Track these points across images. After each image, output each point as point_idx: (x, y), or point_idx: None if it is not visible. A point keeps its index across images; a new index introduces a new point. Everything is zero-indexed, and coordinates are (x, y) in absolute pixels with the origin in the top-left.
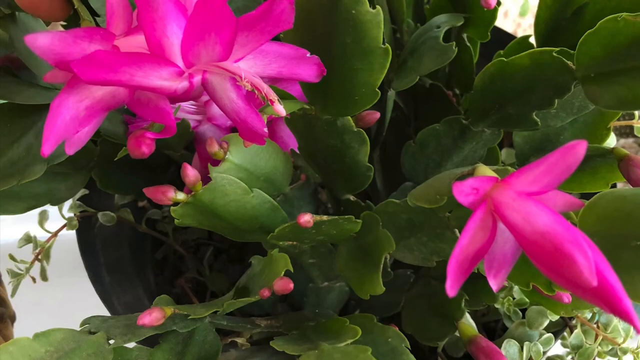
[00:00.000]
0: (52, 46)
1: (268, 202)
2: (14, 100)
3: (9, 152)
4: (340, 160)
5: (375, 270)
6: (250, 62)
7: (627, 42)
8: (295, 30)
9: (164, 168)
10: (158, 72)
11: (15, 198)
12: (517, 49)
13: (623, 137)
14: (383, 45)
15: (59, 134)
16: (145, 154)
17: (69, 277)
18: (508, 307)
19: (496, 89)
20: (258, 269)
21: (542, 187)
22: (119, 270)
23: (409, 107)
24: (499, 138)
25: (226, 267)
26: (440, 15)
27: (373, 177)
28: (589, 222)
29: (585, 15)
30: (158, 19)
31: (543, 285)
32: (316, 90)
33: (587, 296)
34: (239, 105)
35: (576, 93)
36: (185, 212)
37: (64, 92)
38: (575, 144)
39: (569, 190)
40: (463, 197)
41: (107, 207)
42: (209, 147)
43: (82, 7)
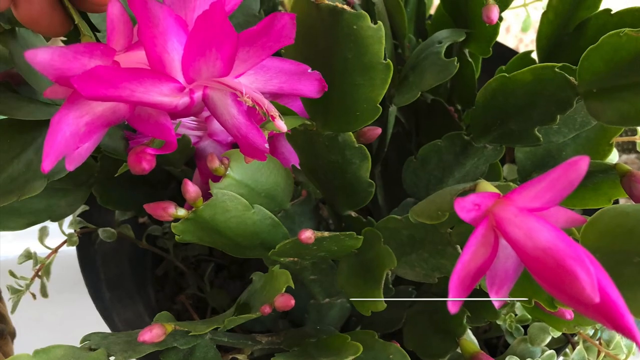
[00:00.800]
0: (52, 62)
1: (269, 218)
2: (14, 116)
3: (9, 168)
4: (341, 176)
5: (376, 287)
6: (251, 77)
7: (630, 58)
8: (296, 45)
9: (164, 184)
10: (159, 88)
11: (15, 214)
12: (519, 64)
13: (625, 153)
14: (384, 61)
15: (59, 150)
16: (145, 170)
17: (69, 294)
18: (510, 324)
19: (498, 105)
20: (259, 285)
21: (544, 203)
22: (119, 286)
23: (410, 123)
24: (501, 154)
25: (227, 283)
26: (441, 30)
27: (374, 193)
28: (591, 238)
29: (587, 30)
30: (159, 35)
31: (545, 301)
32: (317, 105)
33: (590, 312)
34: (239, 121)
35: (578, 109)
36: (186, 228)
37: (64, 108)
38: (578, 160)
39: (571, 206)
40: (465, 213)
41: (108, 223)
42: (210, 163)
43: (83, 22)
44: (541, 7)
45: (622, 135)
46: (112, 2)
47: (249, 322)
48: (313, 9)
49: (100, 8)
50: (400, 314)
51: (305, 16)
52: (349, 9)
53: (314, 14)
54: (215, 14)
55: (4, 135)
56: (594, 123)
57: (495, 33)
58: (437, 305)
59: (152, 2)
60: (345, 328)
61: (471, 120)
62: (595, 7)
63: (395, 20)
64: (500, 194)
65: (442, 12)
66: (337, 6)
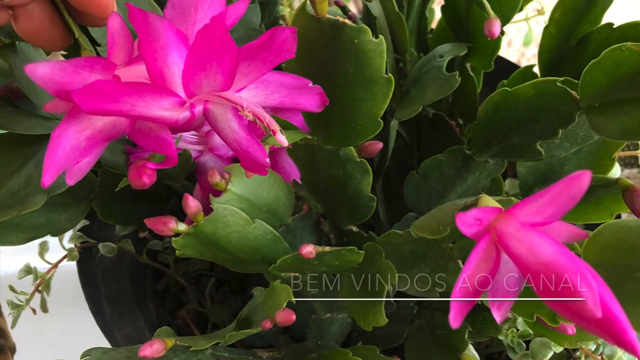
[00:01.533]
0: (53, 76)
1: (270, 233)
2: (14, 131)
3: (9, 182)
4: (342, 190)
5: (377, 302)
6: (252, 91)
7: (632, 72)
8: (297, 59)
9: (165, 199)
10: (159, 102)
11: (15, 229)
12: (520, 78)
13: (628, 168)
14: (386, 75)
15: (59, 165)
16: (146, 185)
17: (69, 309)
18: (512, 339)
19: (500, 119)
20: (260, 300)
21: (546, 217)
22: (119, 301)
23: (411, 137)
24: (503, 168)
25: (228, 298)
26: (443, 44)
27: (376, 208)
28: (593, 253)
29: (589, 44)
30: (159, 49)
31: (547, 316)
32: (318, 120)
33: (592, 328)
34: (240, 136)
35: (580, 123)
36: (187, 243)
37: (65, 122)
38: (580, 175)
39: (573, 220)
40: (466, 227)
41: (108, 238)
42: (211, 178)
43: (83, 36)
44: (543, 21)
45: (624, 149)
46: (112, 16)
47: (250, 337)
48: (314, 23)
49: (100, 22)
50: (401, 329)
51: (306, 30)
52: (350, 23)
53: (315, 28)
54: (216, 28)
55: (4, 150)
56: (596, 137)
57: (497, 47)
58: (439, 320)
59: (153, 16)
60: (346, 343)
61: (473, 134)
62: (598, 21)
63: (396, 34)
64: (502, 209)
65: (443, 26)
66: (339, 20)
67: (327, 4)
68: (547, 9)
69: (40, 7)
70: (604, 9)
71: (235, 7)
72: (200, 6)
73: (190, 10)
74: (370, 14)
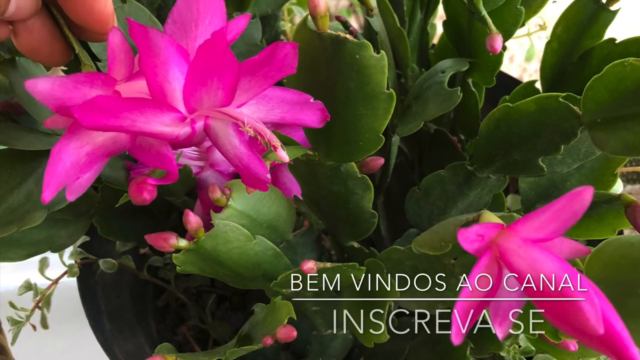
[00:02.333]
0: (53, 91)
1: (271, 249)
2: (14, 146)
3: (9, 198)
4: (343, 206)
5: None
6: (253, 107)
7: (634, 87)
8: (299, 75)
9: (165, 214)
10: (160, 118)
11: (15, 245)
12: (522, 94)
13: (630, 184)
14: (387, 91)
15: (59, 181)
16: (147, 201)
17: (69, 325)
18: (514, 355)
19: (502, 135)
20: (261, 317)
21: (548, 233)
22: (120, 317)
23: (413, 153)
24: (505, 184)
25: (229, 314)
26: (445, 60)
27: (377, 224)
28: (596, 269)
29: (591, 60)
30: (160, 64)
31: (549, 333)
32: (319, 135)
33: (594, 344)
34: (241, 151)
35: (582, 139)
36: (187, 259)
37: (65, 138)
38: (582, 190)
39: (575, 236)
40: (468, 243)
41: (108, 254)
42: (212, 194)
43: (83, 51)
44: (545, 36)
45: (626, 165)
46: (113, 32)
47: (251, 353)
48: (315, 38)
49: (101, 37)
50: (403, 345)
51: (308, 45)
52: (352, 38)
53: (316, 44)
54: (216, 43)
55: (4, 166)
56: (598, 153)
57: (499, 62)
58: (441, 337)
59: (153, 31)
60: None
61: (474, 150)
62: (600, 37)
63: (398, 49)
64: (504, 225)
65: (445, 42)
66: (340, 35)
67: (329, 19)
68: (549, 24)
69: (41, 22)
70: (606, 24)
71: (236, 22)
72: (201, 21)
73: (191, 26)
74: (371, 29)
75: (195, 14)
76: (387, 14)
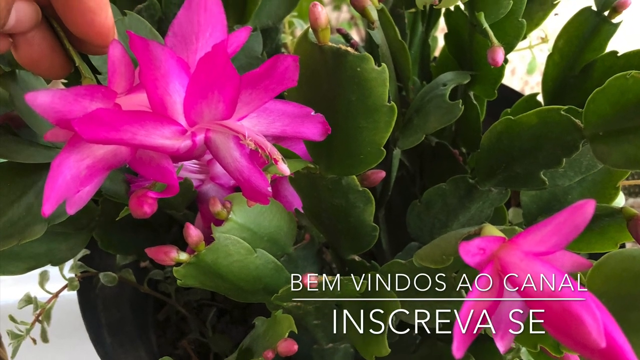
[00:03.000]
0: (53, 104)
1: (272, 263)
2: (14, 159)
3: (9, 211)
4: (345, 219)
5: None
6: (254, 120)
7: (636, 100)
8: (300, 88)
9: (166, 228)
10: (160, 131)
11: (15, 258)
12: (524, 107)
13: (632, 197)
14: (388, 103)
15: (59, 194)
16: (147, 214)
17: (70, 339)
18: None
19: (503, 148)
20: (262, 330)
21: (549, 247)
22: (120, 331)
23: (414, 166)
24: (506, 197)
25: (229, 328)
26: (446, 72)
27: (378, 237)
28: (598, 283)
29: (593, 72)
30: (160, 77)
31: (551, 346)
32: (320, 148)
33: (596, 358)
34: (242, 164)
35: (584, 152)
36: (188, 273)
37: (65, 151)
38: (584, 204)
39: (577, 250)
40: (470, 257)
41: (109, 267)
42: (212, 207)
43: (84, 64)
44: (547, 49)
45: (628, 178)
46: (113, 44)
47: None
48: (316, 51)
49: (101, 50)
50: (404, 359)
51: (309, 58)
52: (353, 51)
53: (317, 56)
54: (217, 56)
55: (4, 179)
56: (600, 166)
57: (501, 75)
58: (442, 351)
59: (154, 44)
60: None
61: (476, 163)
62: (602, 49)
63: (399, 62)
64: (506, 238)
65: (446, 54)
66: (341, 48)
67: (330, 32)
68: (551, 37)
69: (41, 35)
70: (608, 37)
71: (237, 35)
72: (202, 34)
73: (191, 38)
74: (372, 42)
75: (196, 27)
76: (389, 26)
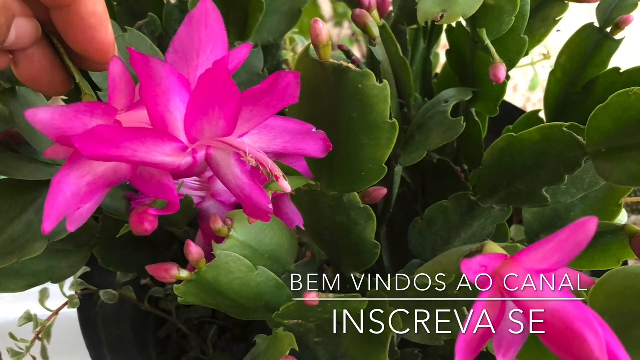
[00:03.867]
0: (53, 121)
1: (273, 280)
2: (14, 176)
3: (9, 229)
4: (346, 237)
5: (382, 349)
6: (255, 137)
7: (639, 117)
8: (301, 104)
9: (167, 245)
10: (161, 148)
11: (15, 276)
12: (526, 123)
13: (635, 214)
14: (390, 120)
15: (60, 211)
16: (148, 231)
17: (70, 356)
18: None
19: (505, 165)
20: (263, 348)
21: (552, 264)
22: (121, 349)
23: (416, 183)
24: (508, 215)
25: (230, 346)
26: (448, 89)
27: (380, 254)
28: (600, 300)
29: (596, 89)
30: (161, 94)
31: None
32: (322, 165)
33: None
34: (243, 182)
35: (587, 169)
36: (189, 290)
37: (65, 168)
38: (586, 221)
39: (579, 267)
40: (472, 274)
41: (109, 284)
42: (213, 224)
43: (84, 81)
44: (549, 65)
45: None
46: (113, 61)
47: None
48: (318, 67)
49: (101, 66)
50: None
51: (310, 75)
52: (354, 67)
53: (319, 73)
54: (218, 73)
55: (4, 196)
56: (602, 183)
57: (503, 92)
58: None
59: (155, 60)
60: None
61: (478, 180)
62: (604, 66)
63: (401, 78)
64: (508, 255)
65: (448, 71)
66: (342, 65)
67: (331, 49)
68: (553, 54)
69: (41, 51)
70: (611, 53)
71: (238, 51)
72: (203, 51)
73: (192, 55)
74: (374, 58)
75: (197, 43)
76: (390, 43)
